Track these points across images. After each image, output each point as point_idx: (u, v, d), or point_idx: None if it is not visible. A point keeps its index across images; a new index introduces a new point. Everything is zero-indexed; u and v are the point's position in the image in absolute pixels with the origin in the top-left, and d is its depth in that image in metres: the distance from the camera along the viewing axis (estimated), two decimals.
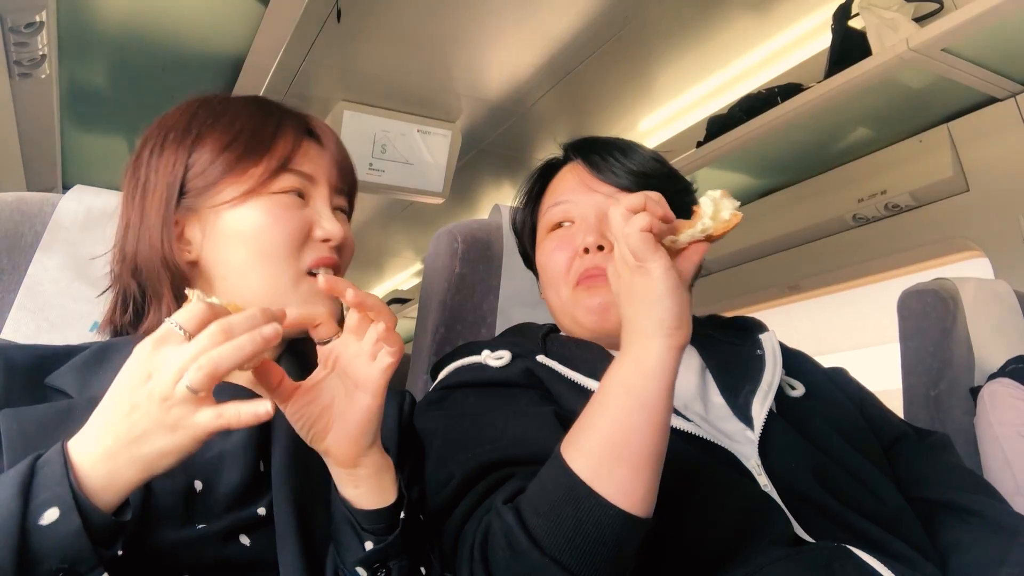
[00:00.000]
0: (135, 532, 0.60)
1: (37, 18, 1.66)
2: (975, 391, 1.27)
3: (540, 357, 0.88)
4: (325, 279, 0.62)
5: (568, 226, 0.95)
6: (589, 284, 0.90)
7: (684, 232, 0.66)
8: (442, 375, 0.94)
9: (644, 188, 0.74)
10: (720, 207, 0.66)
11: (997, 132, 1.66)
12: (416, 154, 2.33)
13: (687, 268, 0.67)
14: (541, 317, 1.04)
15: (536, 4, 1.82)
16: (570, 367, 0.86)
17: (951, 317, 1.31)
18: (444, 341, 1.14)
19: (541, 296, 1.02)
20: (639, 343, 0.64)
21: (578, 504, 0.61)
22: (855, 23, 1.68)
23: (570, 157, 0.99)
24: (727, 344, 0.96)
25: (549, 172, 1.02)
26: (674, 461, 0.74)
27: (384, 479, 0.65)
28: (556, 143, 1.04)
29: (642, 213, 0.64)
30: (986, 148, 1.69)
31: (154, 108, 0.84)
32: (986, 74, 1.55)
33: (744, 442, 0.81)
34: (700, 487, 0.74)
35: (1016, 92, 1.61)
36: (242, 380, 0.76)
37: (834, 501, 0.77)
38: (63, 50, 1.93)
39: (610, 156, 0.94)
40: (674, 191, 0.94)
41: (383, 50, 2.00)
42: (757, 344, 0.95)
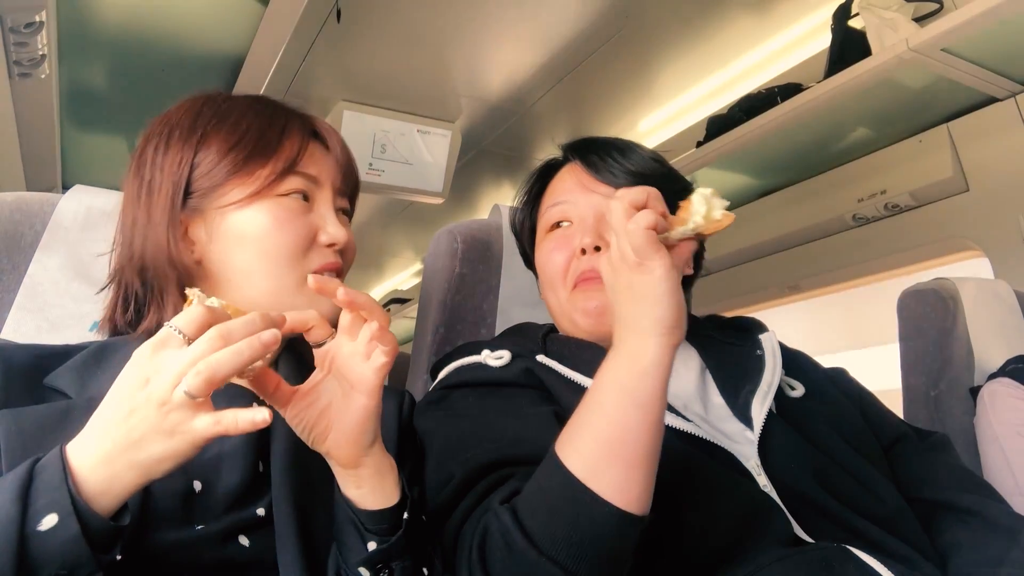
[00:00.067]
0: (134, 533, 0.60)
1: (37, 18, 1.66)
2: (975, 391, 1.27)
3: (540, 357, 0.88)
4: (315, 279, 0.61)
5: (567, 226, 0.95)
6: (586, 287, 0.90)
7: (676, 229, 0.66)
8: (442, 375, 0.94)
9: None
10: (712, 206, 0.66)
11: (997, 132, 1.66)
12: (416, 154, 2.32)
13: (678, 265, 0.66)
14: (541, 317, 1.04)
15: (536, 4, 1.81)
16: (570, 367, 0.86)
17: (951, 317, 1.31)
18: (444, 341, 1.14)
19: (541, 296, 1.02)
20: (634, 340, 0.63)
21: (574, 503, 0.61)
22: (855, 23, 1.68)
23: (569, 158, 0.99)
24: (727, 344, 0.96)
25: (548, 172, 1.02)
26: (674, 461, 0.74)
27: (387, 479, 0.65)
28: (555, 144, 1.04)
29: (647, 211, 0.63)
30: (986, 148, 1.69)
31: (154, 108, 0.84)
32: (986, 74, 1.55)
33: (744, 442, 0.81)
34: (700, 487, 0.74)
35: (1016, 92, 1.61)
36: (242, 380, 0.76)
37: (834, 501, 0.77)
38: (63, 50, 1.93)
39: (608, 156, 0.94)
40: (673, 191, 0.94)
41: (383, 50, 2.00)
42: (757, 344, 0.95)
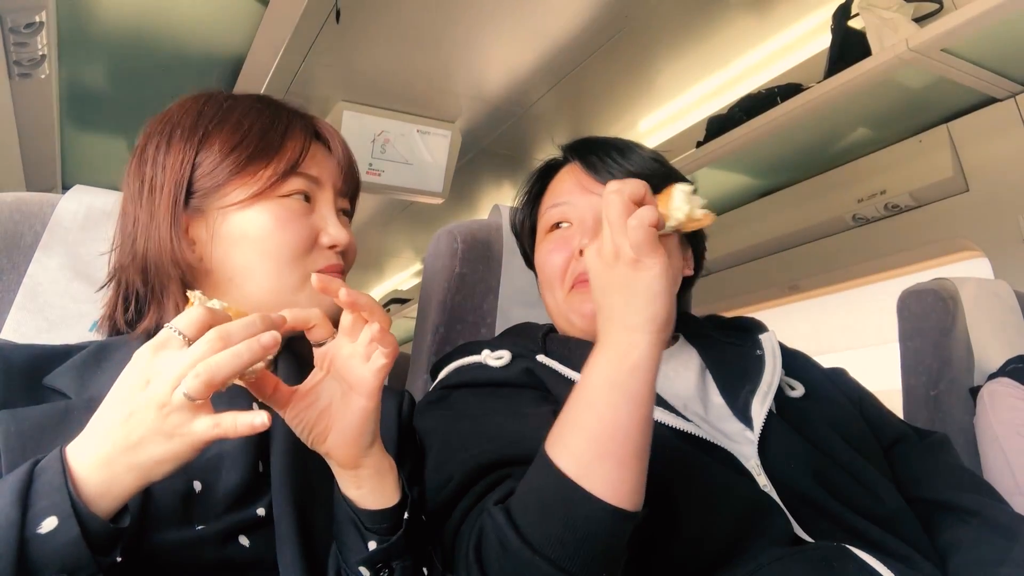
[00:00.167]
0: (134, 534, 0.60)
1: (37, 18, 1.66)
2: (975, 391, 1.27)
3: (540, 357, 0.88)
4: (318, 278, 0.61)
5: (566, 227, 0.95)
6: (584, 288, 0.90)
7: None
8: (442, 375, 0.94)
9: None
10: (694, 204, 0.66)
11: (997, 132, 1.66)
12: (416, 154, 2.32)
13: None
14: (541, 317, 1.04)
15: (536, 4, 1.81)
16: (570, 367, 0.86)
17: (951, 317, 1.31)
18: (444, 341, 1.14)
19: (540, 296, 1.02)
20: (624, 336, 0.63)
21: (566, 501, 0.61)
22: (855, 23, 1.68)
23: (568, 158, 0.99)
24: (727, 344, 0.96)
25: (548, 173, 1.02)
26: (674, 461, 0.74)
27: (387, 479, 0.65)
28: (555, 144, 1.03)
29: (649, 207, 0.63)
30: (986, 148, 1.69)
31: (154, 108, 0.84)
32: (986, 74, 1.55)
33: (744, 442, 0.81)
34: (699, 487, 0.74)
35: (1016, 92, 1.61)
36: (242, 382, 0.76)
37: (834, 501, 0.77)
38: (63, 50, 1.93)
39: (608, 157, 0.93)
40: None
41: (383, 50, 2.00)
42: (757, 344, 0.95)
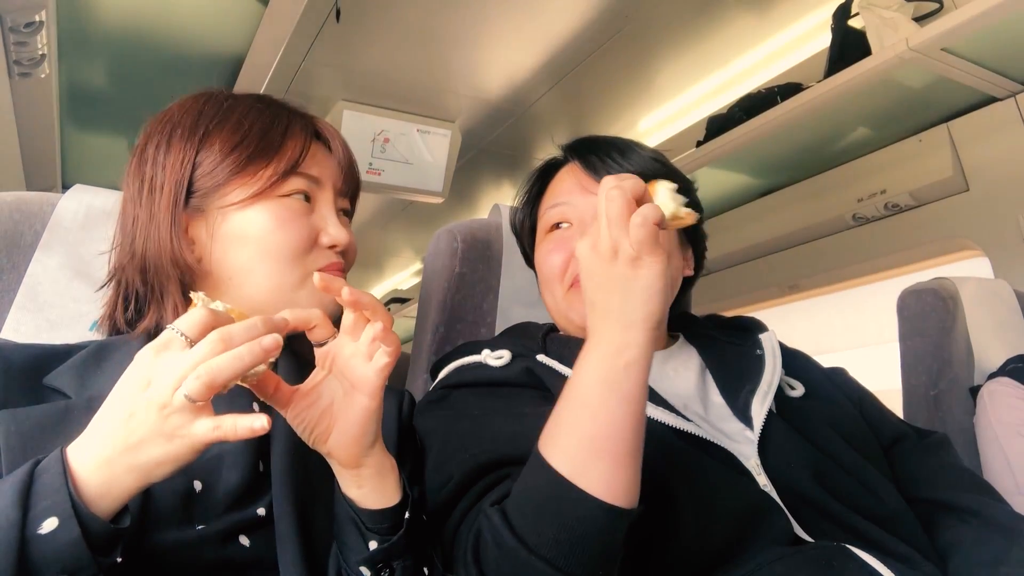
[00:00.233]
0: (134, 534, 0.60)
1: (37, 18, 1.66)
2: (975, 391, 1.27)
3: (540, 356, 0.88)
4: (320, 277, 0.61)
5: (566, 228, 0.95)
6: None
7: None
8: (442, 374, 0.94)
9: None
10: (677, 202, 0.66)
11: (997, 132, 1.66)
12: (416, 154, 2.32)
13: None
14: (541, 316, 1.04)
15: (536, 4, 1.81)
16: (570, 366, 0.85)
17: (951, 317, 1.31)
18: (444, 340, 1.14)
19: (540, 295, 1.02)
20: (619, 334, 0.62)
21: (561, 501, 0.61)
22: (855, 23, 1.68)
23: (568, 158, 0.99)
24: (727, 344, 0.96)
25: (548, 172, 1.02)
26: (673, 461, 0.74)
27: (388, 479, 0.65)
28: (555, 144, 1.03)
29: (653, 205, 0.62)
30: (986, 148, 1.69)
31: (154, 108, 0.84)
32: (986, 74, 1.55)
33: (743, 442, 0.81)
34: (699, 487, 0.74)
35: (1016, 92, 1.61)
36: (245, 384, 0.76)
37: (833, 501, 0.77)
38: (63, 50, 1.93)
39: (608, 157, 0.93)
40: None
41: (383, 50, 2.00)
42: (757, 344, 0.95)
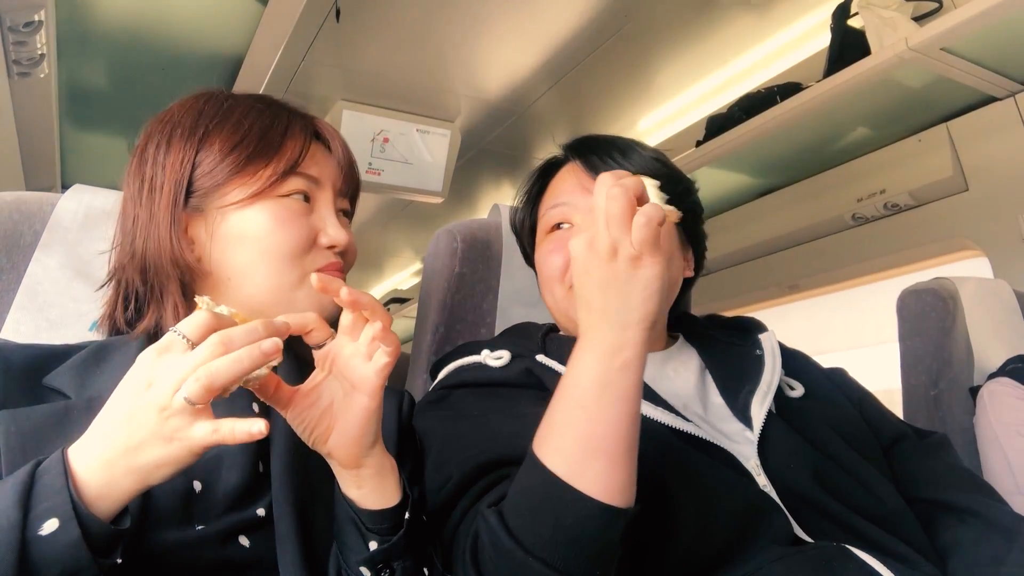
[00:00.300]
0: (134, 534, 0.60)
1: (36, 17, 1.66)
2: (975, 391, 1.27)
3: (540, 357, 0.88)
4: (318, 278, 0.61)
5: (566, 228, 0.94)
6: None
7: None
8: (442, 375, 0.94)
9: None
10: (661, 199, 0.66)
11: (996, 131, 1.66)
12: (416, 153, 2.32)
13: None
14: (541, 317, 1.04)
15: (536, 4, 1.81)
16: None
17: (951, 317, 1.31)
18: (444, 341, 1.14)
19: (541, 295, 1.02)
20: (616, 334, 0.62)
21: (557, 502, 0.60)
22: (854, 22, 1.68)
23: (569, 157, 0.98)
24: (727, 344, 0.96)
25: (549, 172, 1.01)
26: (673, 461, 0.74)
27: (388, 480, 0.65)
28: (555, 143, 1.03)
29: (655, 205, 0.62)
30: (985, 147, 1.69)
31: (153, 108, 0.84)
32: (985, 73, 1.55)
33: (743, 442, 0.81)
34: (699, 487, 0.74)
35: (1015, 91, 1.61)
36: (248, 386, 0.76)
37: (833, 501, 0.77)
38: (62, 49, 1.93)
39: (608, 157, 0.93)
40: (675, 192, 0.94)
41: (382, 50, 2.00)
42: (756, 344, 0.95)
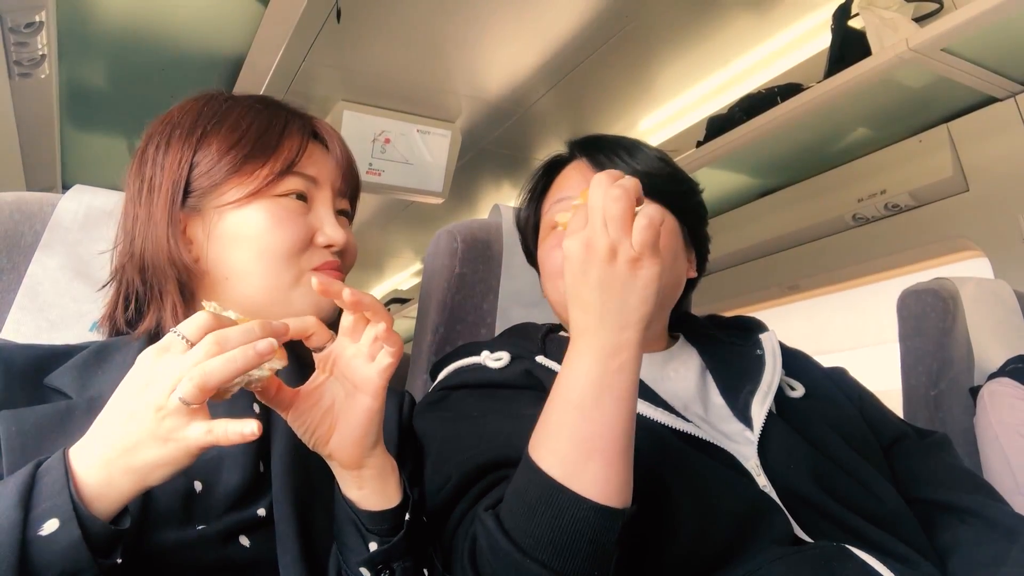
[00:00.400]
0: (135, 534, 0.60)
1: (37, 18, 1.66)
2: (975, 391, 1.27)
3: (539, 358, 0.88)
4: (319, 281, 0.61)
5: None
6: None
7: None
8: (442, 375, 0.94)
9: (649, 188, 0.74)
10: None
11: (997, 132, 1.66)
12: (416, 154, 2.33)
13: None
14: (541, 317, 1.04)
15: (536, 4, 1.81)
16: None
17: (951, 317, 1.31)
18: (444, 341, 1.14)
19: (543, 293, 1.01)
20: (614, 335, 0.62)
21: (554, 504, 0.60)
22: (855, 23, 1.68)
23: (575, 154, 0.98)
24: (727, 344, 0.96)
25: (553, 169, 1.01)
26: (673, 462, 0.74)
27: (388, 481, 0.65)
28: (561, 141, 1.02)
29: (657, 206, 0.62)
30: (986, 148, 1.69)
31: (154, 108, 0.84)
32: (986, 74, 1.55)
33: (743, 443, 0.81)
34: (699, 488, 0.74)
35: (1016, 92, 1.61)
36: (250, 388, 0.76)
37: (833, 502, 0.77)
38: (63, 50, 1.93)
39: (615, 155, 0.93)
40: (679, 192, 0.94)
41: (383, 50, 2.00)
42: (757, 344, 0.95)
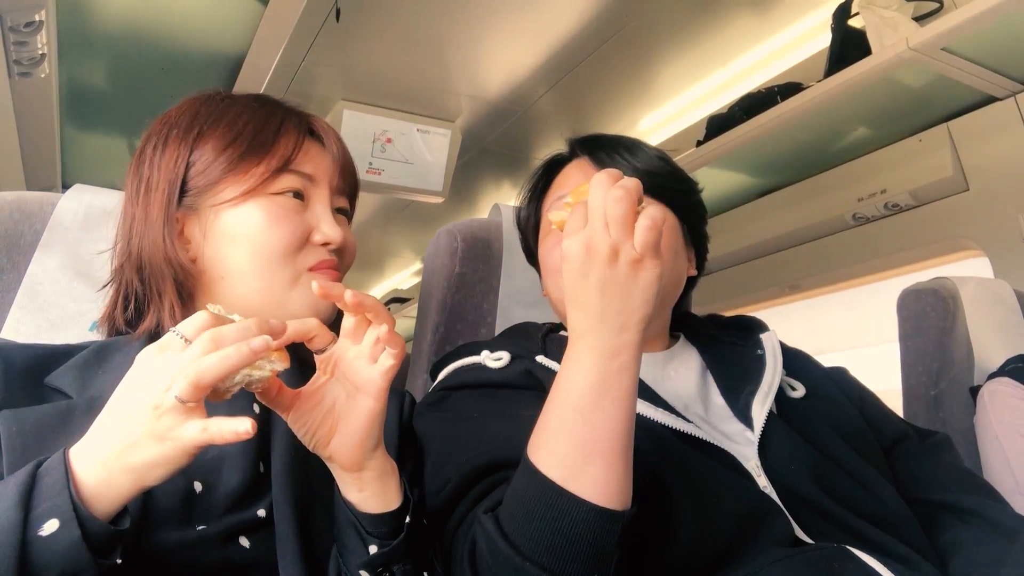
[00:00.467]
0: (135, 534, 0.60)
1: (37, 17, 1.66)
2: (975, 391, 1.27)
3: (539, 358, 0.88)
4: (320, 286, 0.60)
5: None
6: None
7: None
8: (442, 376, 0.94)
9: (650, 187, 0.74)
10: None
11: (997, 131, 1.66)
12: (416, 153, 2.33)
13: None
14: (541, 317, 1.04)
15: (536, 4, 1.81)
16: None
17: (951, 317, 1.31)
18: (444, 341, 1.14)
19: (543, 292, 1.01)
20: (614, 336, 0.62)
21: (553, 507, 0.60)
22: (855, 22, 1.68)
23: (576, 153, 0.98)
24: (728, 344, 0.96)
25: (554, 168, 1.01)
26: (673, 462, 0.74)
27: (389, 483, 0.65)
28: (561, 141, 1.02)
29: (659, 207, 0.61)
30: (986, 147, 1.69)
31: (154, 108, 0.84)
32: (986, 73, 1.55)
33: (744, 443, 0.81)
34: (699, 488, 0.73)
35: (1016, 91, 1.61)
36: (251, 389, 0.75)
37: (833, 502, 0.77)
38: (62, 49, 1.93)
39: (616, 154, 0.93)
40: (679, 191, 0.94)
41: (383, 49, 2.00)
42: (758, 344, 0.95)
